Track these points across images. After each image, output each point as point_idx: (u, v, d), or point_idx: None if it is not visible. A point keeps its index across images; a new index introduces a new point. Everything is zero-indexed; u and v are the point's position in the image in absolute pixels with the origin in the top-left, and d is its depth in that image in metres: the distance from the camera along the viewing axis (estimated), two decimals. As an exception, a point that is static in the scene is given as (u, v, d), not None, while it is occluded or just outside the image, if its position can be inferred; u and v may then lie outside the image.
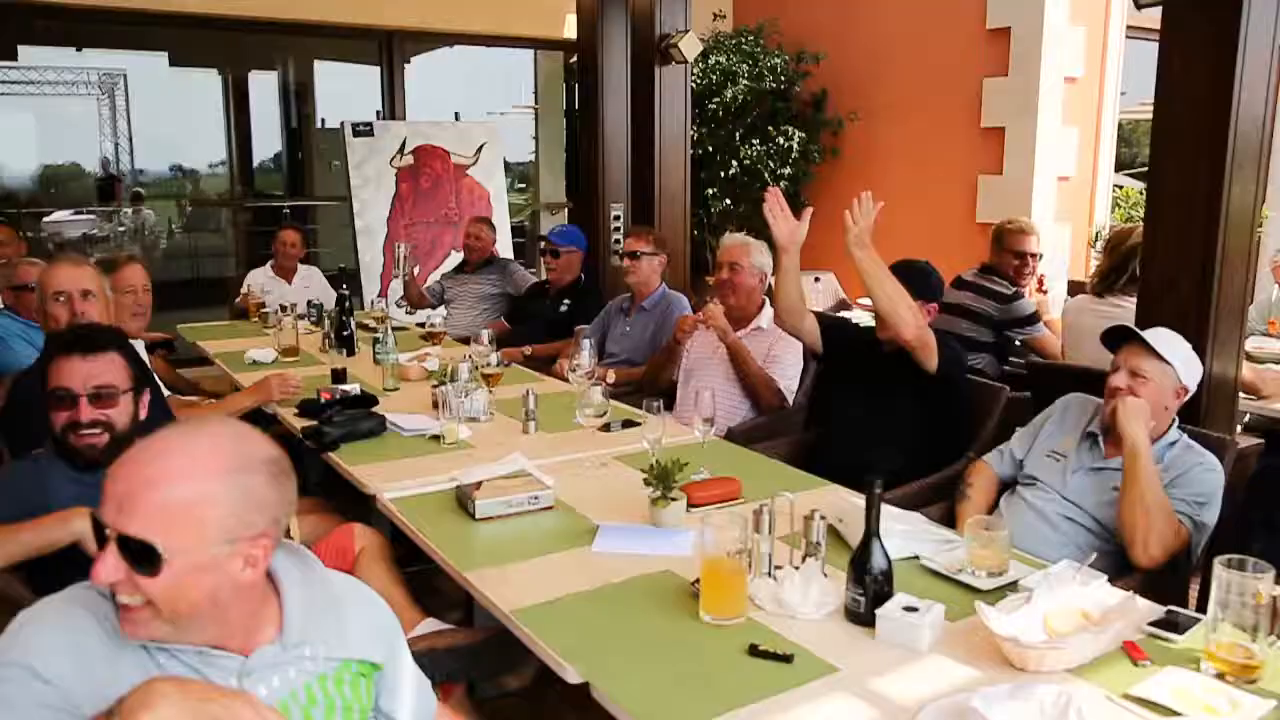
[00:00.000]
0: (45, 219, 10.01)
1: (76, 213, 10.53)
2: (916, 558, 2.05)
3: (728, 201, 7.46)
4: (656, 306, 4.35)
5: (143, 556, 1.16)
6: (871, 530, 1.80)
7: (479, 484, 2.37)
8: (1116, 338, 2.47)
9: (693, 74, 5.86)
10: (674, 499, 2.26)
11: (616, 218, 5.72)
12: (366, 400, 3.24)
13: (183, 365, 4.92)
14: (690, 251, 5.65)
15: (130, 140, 11.24)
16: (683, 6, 5.44)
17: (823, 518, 1.98)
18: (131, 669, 1.21)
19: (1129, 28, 6.57)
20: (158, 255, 10.67)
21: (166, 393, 3.51)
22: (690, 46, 5.40)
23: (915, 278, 3.07)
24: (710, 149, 7.35)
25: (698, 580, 1.86)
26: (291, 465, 1.31)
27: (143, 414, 2.20)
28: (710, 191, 7.39)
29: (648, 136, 5.43)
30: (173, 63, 10.52)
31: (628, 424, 3.07)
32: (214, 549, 1.20)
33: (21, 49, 10.11)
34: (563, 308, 4.92)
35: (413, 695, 1.52)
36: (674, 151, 5.47)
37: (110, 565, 1.17)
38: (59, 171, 11.37)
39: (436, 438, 2.96)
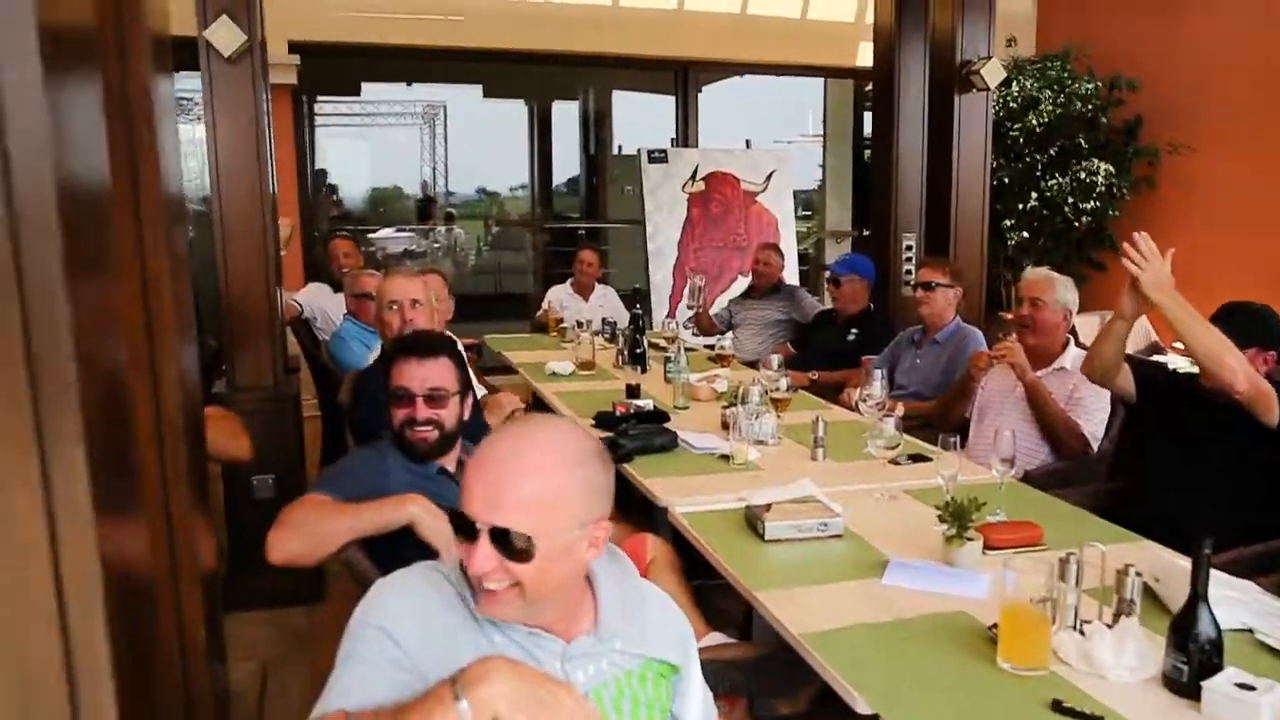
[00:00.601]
0: (372, 235, 11.19)
1: (398, 230, 11.69)
2: (1250, 631, 1.86)
3: (1025, 234, 7.11)
4: (949, 340, 4.22)
5: (516, 545, 1.27)
6: (1198, 594, 1.65)
7: (768, 506, 2.40)
8: None
9: (992, 101, 5.66)
10: (970, 539, 2.19)
11: (908, 248, 5.60)
12: (659, 416, 3.37)
13: (488, 372, 5.33)
14: (985, 285, 5.43)
15: (445, 165, 12.37)
16: (985, 33, 5.26)
17: (1138, 574, 1.84)
18: (466, 645, 1.32)
19: None
20: (467, 271, 11.64)
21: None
22: (993, 74, 5.21)
23: (1251, 323, 2.78)
24: (1007, 180, 7.04)
25: (995, 625, 1.79)
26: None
27: (465, 415, 2.41)
28: (1007, 224, 7.07)
29: (944, 165, 5.28)
30: (486, 94, 11.44)
31: (916, 458, 2.99)
32: (570, 534, 1.31)
33: (365, 86, 11.42)
34: (850, 336, 4.88)
35: (701, 702, 1.57)
36: (972, 181, 5.28)
37: (483, 555, 1.28)
38: (385, 193, 12.67)
39: (725, 457, 3.02)
